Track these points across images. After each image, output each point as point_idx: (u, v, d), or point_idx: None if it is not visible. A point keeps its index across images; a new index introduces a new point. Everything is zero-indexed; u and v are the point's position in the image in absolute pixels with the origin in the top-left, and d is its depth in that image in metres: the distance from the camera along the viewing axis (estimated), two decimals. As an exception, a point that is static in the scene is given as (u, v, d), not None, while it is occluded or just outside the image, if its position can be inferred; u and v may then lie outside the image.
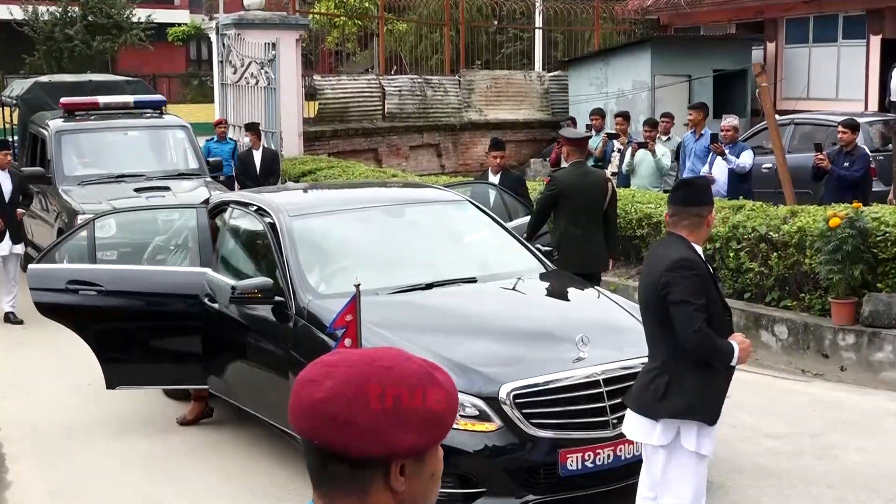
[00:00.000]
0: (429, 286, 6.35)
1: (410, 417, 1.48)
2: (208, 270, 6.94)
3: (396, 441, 1.47)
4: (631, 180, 12.24)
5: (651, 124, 12.51)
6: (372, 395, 1.47)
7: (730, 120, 11.67)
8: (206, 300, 6.79)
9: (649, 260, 4.68)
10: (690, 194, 4.61)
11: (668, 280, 4.38)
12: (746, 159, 11.25)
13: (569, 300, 6.67)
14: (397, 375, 1.50)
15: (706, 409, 4.47)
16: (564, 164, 8.86)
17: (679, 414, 4.46)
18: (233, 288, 6.27)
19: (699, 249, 4.54)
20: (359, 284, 5.15)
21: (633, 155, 12.11)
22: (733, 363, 4.49)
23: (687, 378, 4.45)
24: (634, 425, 4.58)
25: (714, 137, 11.45)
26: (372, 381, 1.48)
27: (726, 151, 11.27)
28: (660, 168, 11.96)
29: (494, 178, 9.69)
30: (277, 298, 6.19)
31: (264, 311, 6.30)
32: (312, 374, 1.51)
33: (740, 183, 11.28)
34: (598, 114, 14.34)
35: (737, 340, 4.50)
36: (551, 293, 6.69)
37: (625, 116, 13.73)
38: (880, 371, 8.16)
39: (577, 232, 7.96)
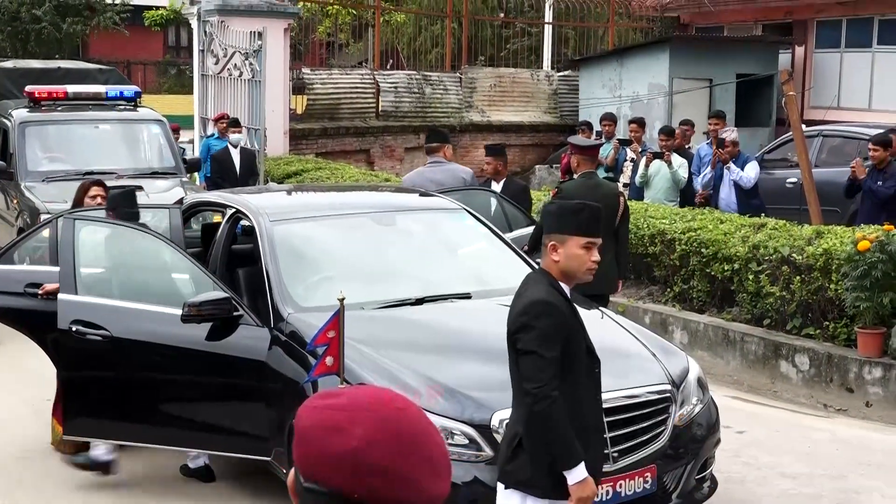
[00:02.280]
0: (419, 301, 6.35)
1: (440, 462, 1.54)
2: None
3: (435, 488, 1.53)
4: (645, 193, 12.27)
5: (667, 132, 12.53)
6: (407, 441, 1.52)
7: (728, 133, 11.72)
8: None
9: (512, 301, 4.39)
10: (544, 218, 4.39)
11: (520, 325, 4.16)
12: (750, 173, 11.34)
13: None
14: (415, 418, 1.54)
15: (552, 482, 4.14)
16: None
17: (521, 485, 4.22)
18: (185, 305, 6.09)
19: (566, 289, 4.26)
20: (343, 298, 5.15)
21: (647, 166, 12.15)
22: (569, 474, 4.08)
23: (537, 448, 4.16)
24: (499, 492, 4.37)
25: (720, 142, 11.51)
26: (402, 426, 1.53)
27: (730, 161, 11.36)
28: (676, 181, 11.99)
29: (497, 186, 9.71)
30: (237, 313, 6.16)
31: (222, 328, 6.22)
32: (332, 421, 1.53)
33: (748, 198, 11.33)
34: (610, 119, 14.38)
35: (586, 483, 4.11)
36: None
37: (640, 123, 13.77)
38: (909, 408, 8.17)
39: None
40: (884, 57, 19.20)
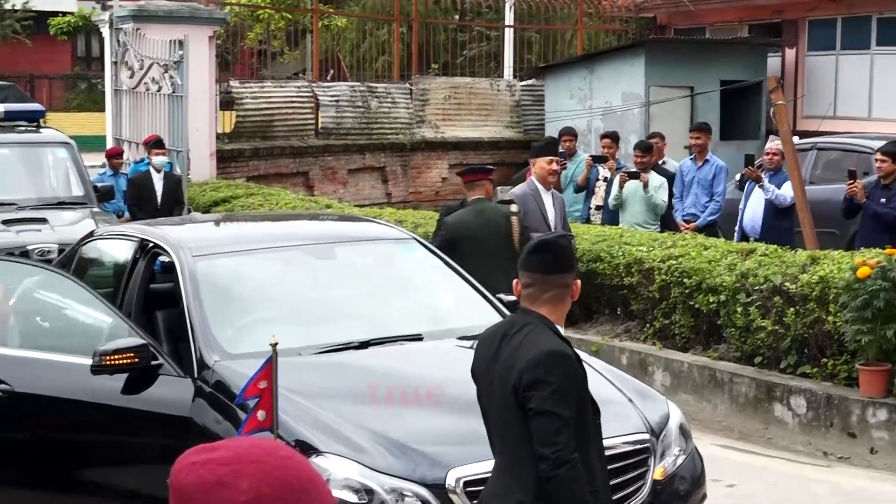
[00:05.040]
0: (364, 345, 6.35)
1: None
2: None
3: None
4: (620, 216, 12.37)
5: (644, 148, 12.64)
6: (297, 490, 1.58)
7: (776, 143, 11.84)
8: None
9: (497, 352, 4.28)
10: (555, 258, 4.32)
11: (533, 380, 4.07)
12: (788, 191, 11.41)
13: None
14: (301, 467, 1.58)
15: None
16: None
17: None
18: (95, 354, 6.02)
19: (562, 331, 4.30)
20: (276, 343, 5.15)
21: (621, 186, 12.24)
22: None
23: None
24: None
25: (750, 159, 11.59)
26: (290, 476, 1.59)
27: (764, 179, 11.43)
28: (654, 205, 12.09)
29: None
30: (155, 362, 6.13)
31: (139, 379, 6.18)
32: (215, 477, 1.57)
33: (778, 219, 11.42)
34: (570, 134, 14.46)
35: None
36: (515, 355, 6.71)
37: (613, 138, 13.90)
38: (919, 454, 8.26)
39: (479, 282, 8.03)
40: (884, 59, 19.53)
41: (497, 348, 4.28)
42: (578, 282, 4.38)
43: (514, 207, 9.11)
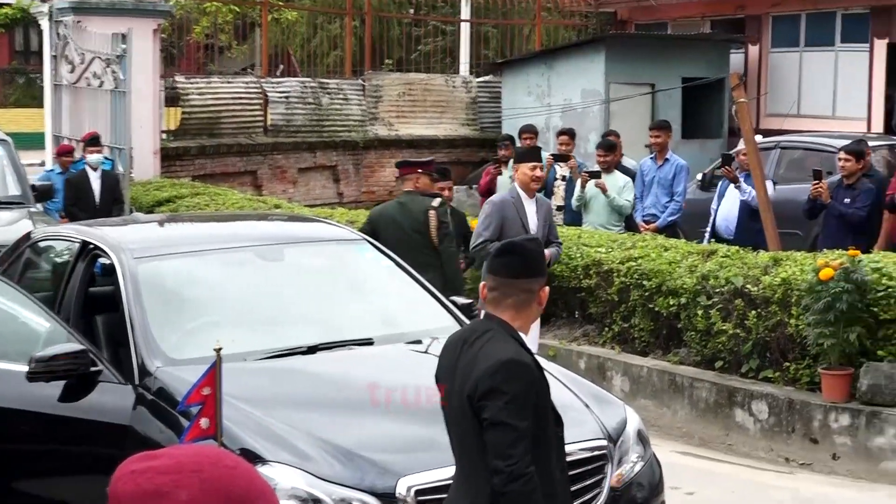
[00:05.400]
0: (312, 350, 6.35)
1: None
2: None
3: None
4: (583, 217, 12.39)
5: (606, 147, 12.63)
6: (236, 502, 1.58)
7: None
8: None
9: (458, 359, 4.25)
10: (521, 261, 4.30)
11: (488, 389, 4.06)
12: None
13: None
14: (246, 477, 1.58)
15: None
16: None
17: None
18: (31, 360, 5.95)
19: (525, 339, 4.29)
20: (220, 348, 5.14)
21: (583, 187, 12.27)
22: None
23: None
24: None
25: (727, 159, 11.61)
26: (232, 486, 1.59)
27: (741, 180, 11.46)
28: (617, 208, 12.12)
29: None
30: (95, 368, 6.10)
31: (77, 386, 6.13)
32: (153, 486, 1.57)
33: (753, 220, 11.47)
34: (530, 132, 14.51)
35: None
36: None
37: (570, 135, 13.95)
38: (881, 460, 8.34)
39: None
40: (848, 56, 19.71)
41: (458, 355, 4.27)
42: (547, 288, 4.36)
43: (435, 202, 9.21)
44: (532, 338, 8.94)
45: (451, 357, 4.31)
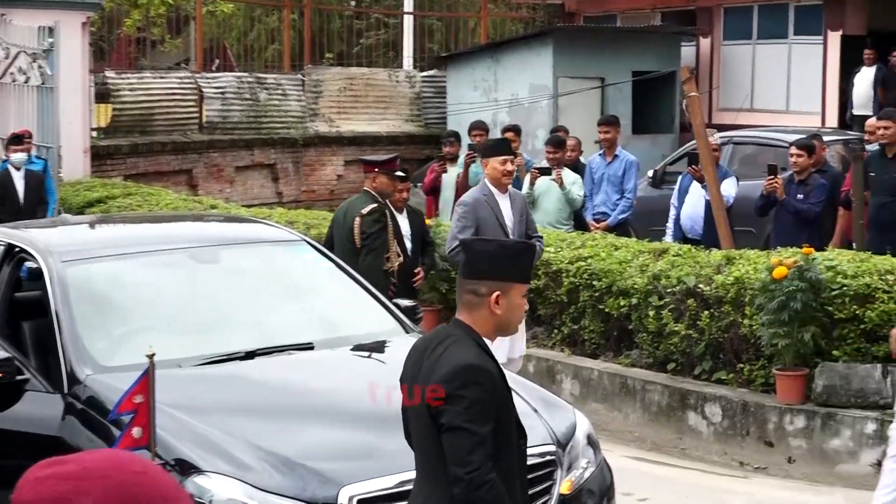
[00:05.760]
0: (250, 355, 6.34)
1: None
2: None
3: None
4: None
5: (556, 143, 12.70)
6: None
7: (715, 138, 11.96)
8: None
9: (422, 362, 4.25)
10: (466, 260, 4.33)
11: (445, 395, 4.04)
12: (730, 189, 11.55)
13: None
14: (154, 482, 1.57)
15: None
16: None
17: None
18: None
19: (490, 345, 4.26)
20: (153, 354, 5.12)
21: (532, 183, 12.31)
22: None
23: None
24: None
25: (693, 159, 11.65)
26: (140, 492, 1.59)
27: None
28: (570, 201, 12.16)
29: (403, 218, 9.90)
30: (21, 377, 6.05)
31: (2, 396, 6.06)
32: (56, 493, 1.56)
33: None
34: (481, 128, 14.53)
35: None
36: (413, 364, 6.75)
37: (517, 131, 13.97)
38: (837, 462, 8.43)
39: None
40: (802, 49, 19.90)
41: (420, 360, 4.25)
42: (496, 294, 4.18)
43: (366, 209, 9.18)
44: (509, 347, 8.87)
45: (416, 361, 4.29)
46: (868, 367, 8.54)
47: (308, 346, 6.55)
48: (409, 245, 9.81)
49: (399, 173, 9.75)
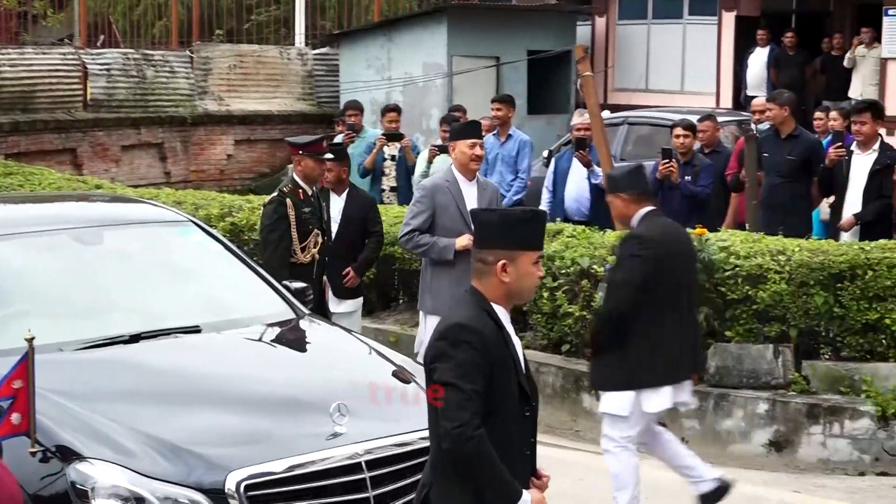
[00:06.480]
0: (135, 338, 6.28)
1: None
2: None
3: None
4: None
5: (451, 122, 12.74)
6: None
7: (585, 117, 11.93)
8: None
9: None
10: (476, 230, 4.58)
11: (434, 353, 4.32)
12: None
13: (325, 357, 6.72)
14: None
15: None
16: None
17: None
18: None
19: (502, 312, 4.43)
20: (32, 338, 5.04)
21: (430, 161, 12.32)
22: None
23: (453, 496, 4.33)
24: None
25: (581, 143, 11.62)
26: None
27: (593, 163, 11.50)
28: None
29: (339, 201, 9.61)
30: None
31: None
32: None
33: (603, 201, 11.59)
34: (355, 108, 14.43)
35: (534, 498, 4.43)
36: (302, 347, 6.75)
37: (398, 111, 13.92)
38: (729, 443, 8.60)
39: None
40: (696, 30, 20.15)
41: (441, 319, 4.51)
42: (502, 262, 4.35)
43: (270, 198, 8.90)
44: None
45: None
46: (760, 348, 8.72)
47: (195, 330, 6.50)
48: (335, 229, 9.39)
49: (328, 155, 9.11)
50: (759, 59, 18.70)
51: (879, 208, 10.19)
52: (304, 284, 7.64)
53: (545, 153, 15.21)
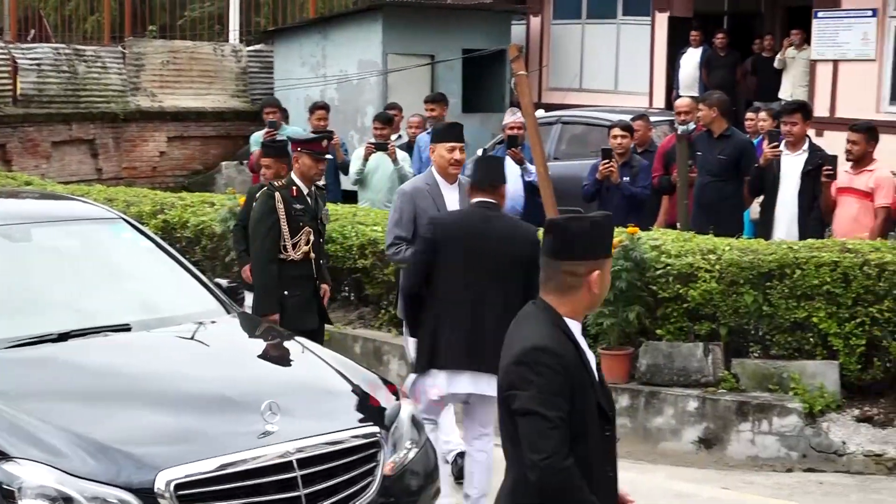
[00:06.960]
0: (63, 337, 6.22)
1: None
2: None
3: None
4: (360, 194, 12.40)
5: (384, 120, 12.76)
6: None
7: (517, 116, 11.94)
8: None
9: (504, 344, 4.26)
10: (562, 241, 4.15)
11: (512, 379, 4.05)
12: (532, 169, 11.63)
13: (257, 355, 6.72)
14: None
15: None
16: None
17: None
18: None
19: (576, 327, 4.18)
20: (-41, 337, 5.00)
21: (366, 158, 12.29)
22: None
23: None
24: None
25: (513, 141, 11.64)
26: None
27: (527, 163, 11.51)
28: (402, 177, 12.16)
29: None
30: None
31: None
32: None
33: (536, 196, 11.63)
34: (274, 106, 14.23)
35: None
36: (234, 345, 6.72)
37: (327, 109, 13.88)
38: (659, 441, 8.67)
39: None
40: (630, 30, 20.28)
41: (506, 339, 4.22)
42: (596, 273, 4.12)
43: (259, 193, 8.78)
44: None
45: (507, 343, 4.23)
46: (690, 346, 8.80)
47: (125, 328, 6.46)
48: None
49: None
50: (691, 59, 18.85)
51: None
52: (234, 283, 7.63)
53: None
